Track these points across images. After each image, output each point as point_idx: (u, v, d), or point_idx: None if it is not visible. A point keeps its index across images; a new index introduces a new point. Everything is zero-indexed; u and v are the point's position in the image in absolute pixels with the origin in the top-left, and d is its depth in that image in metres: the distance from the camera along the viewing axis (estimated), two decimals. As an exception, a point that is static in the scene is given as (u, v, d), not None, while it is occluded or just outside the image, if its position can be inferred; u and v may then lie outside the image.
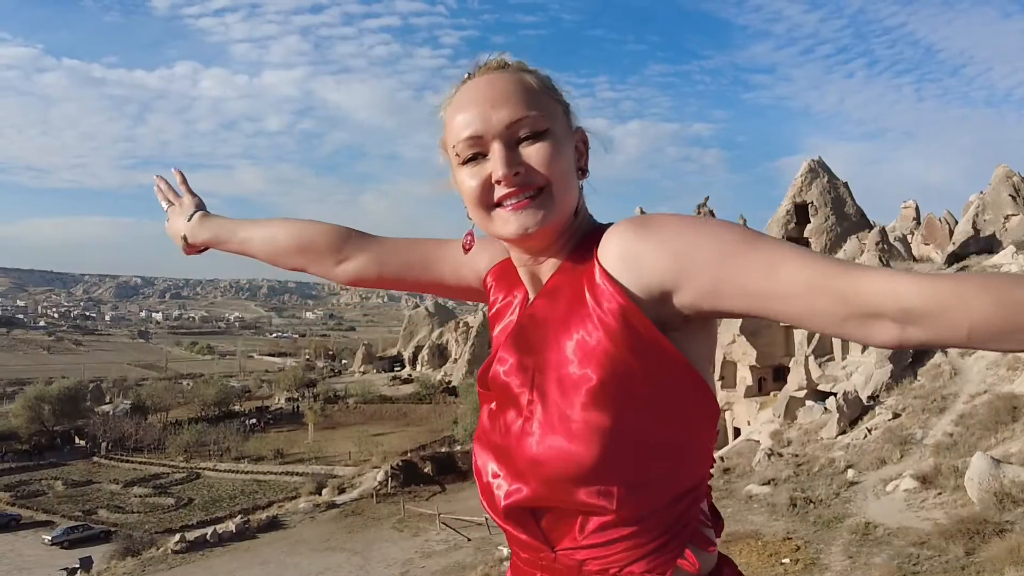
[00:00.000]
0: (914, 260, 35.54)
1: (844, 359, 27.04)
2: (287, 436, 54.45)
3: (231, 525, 28.21)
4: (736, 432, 29.91)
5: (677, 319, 0.95)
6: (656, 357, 0.94)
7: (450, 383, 62.09)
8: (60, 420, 57.64)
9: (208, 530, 27.76)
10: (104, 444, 52.97)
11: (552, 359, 0.99)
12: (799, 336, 31.07)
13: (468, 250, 1.18)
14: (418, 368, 72.84)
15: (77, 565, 27.67)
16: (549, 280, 1.06)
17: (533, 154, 1.00)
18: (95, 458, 52.14)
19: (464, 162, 1.03)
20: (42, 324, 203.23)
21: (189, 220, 1.49)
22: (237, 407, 66.13)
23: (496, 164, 0.99)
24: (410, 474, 34.21)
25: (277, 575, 22.62)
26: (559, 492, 0.96)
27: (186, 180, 1.57)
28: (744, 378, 33.00)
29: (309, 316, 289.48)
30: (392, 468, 34.39)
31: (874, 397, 22.86)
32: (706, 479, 1.05)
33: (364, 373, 77.94)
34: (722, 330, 29.10)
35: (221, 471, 47.28)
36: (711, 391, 1.00)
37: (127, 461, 50.70)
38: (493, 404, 1.11)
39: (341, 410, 60.15)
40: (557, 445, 0.95)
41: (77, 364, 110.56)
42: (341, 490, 34.40)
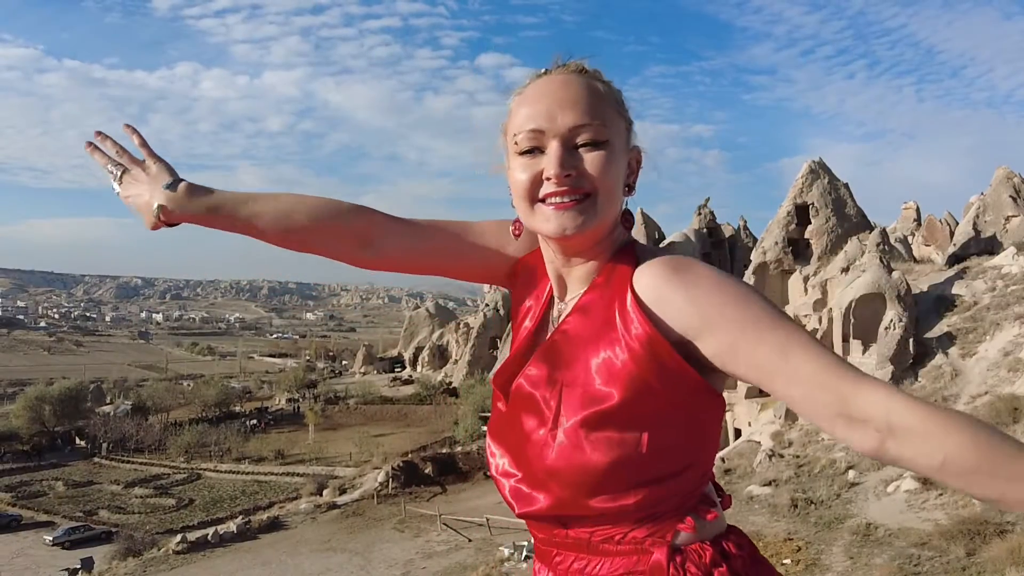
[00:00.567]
0: (915, 261, 35.52)
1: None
2: (288, 437, 54.42)
3: (232, 526, 28.24)
4: (737, 433, 29.88)
5: (695, 355, 1.01)
6: (677, 382, 1.01)
7: (451, 384, 61.98)
8: (61, 421, 57.61)
9: (209, 531, 27.80)
10: (105, 445, 52.92)
11: (579, 375, 1.04)
12: (800, 337, 31.05)
13: (518, 236, 1.21)
14: (419, 369, 72.74)
15: (78, 566, 27.69)
16: (582, 297, 1.10)
17: (588, 161, 1.04)
18: (96, 459, 52.11)
19: (521, 153, 1.07)
20: (43, 325, 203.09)
21: (169, 188, 1.21)
22: (238, 408, 66.09)
23: (550, 162, 1.03)
24: (411, 475, 34.19)
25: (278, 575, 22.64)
26: (577, 501, 1.02)
27: (147, 143, 1.26)
28: (745, 379, 32.96)
29: (309, 317, 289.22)
30: (393, 469, 34.36)
31: (875, 398, 22.90)
32: (712, 464, 1.12)
33: (365, 374, 77.85)
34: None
35: (222, 472, 47.28)
36: (720, 393, 1.06)
37: (128, 462, 50.67)
38: (501, 404, 1.15)
39: (342, 411, 60.08)
40: (578, 458, 1.00)
41: (78, 365, 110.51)
42: (342, 491, 34.39)
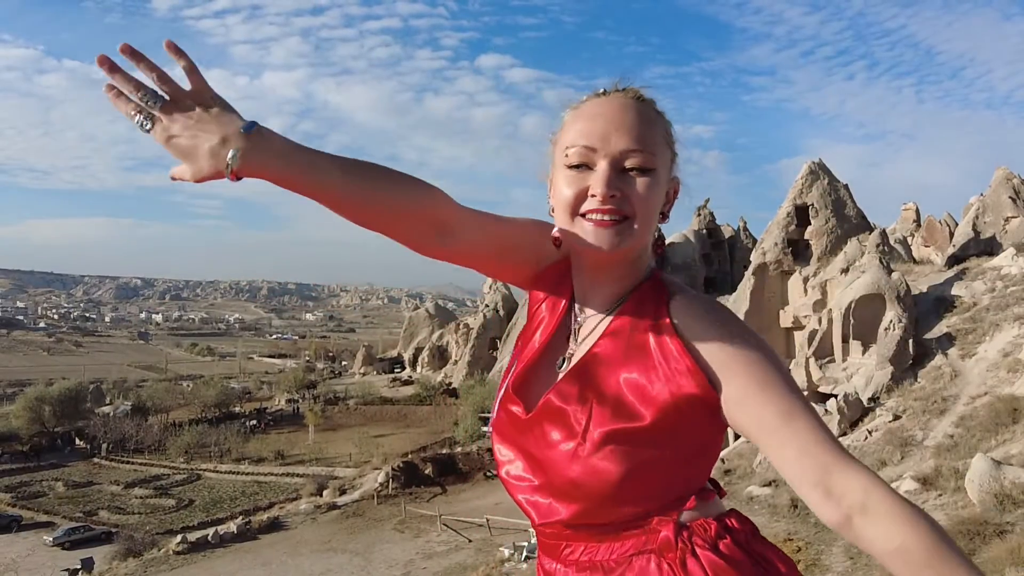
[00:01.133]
0: (914, 262, 35.56)
1: (845, 361, 27.04)
2: (288, 437, 54.40)
3: (232, 526, 28.25)
4: (736, 434, 29.94)
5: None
6: (703, 409, 1.07)
7: (450, 385, 61.96)
8: (61, 421, 57.55)
9: (209, 531, 27.81)
10: (104, 445, 52.87)
11: (611, 395, 1.09)
12: (800, 337, 31.08)
13: (558, 246, 1.22)
14: (418, 370, 72.71)
15: (79, 566, 27.68)
16: (613, 321, 1.15)
17: (633, 185, 1.09)
18: (96, 459, 52.06)
19: (569, 166, 1.11)
20: (42, 325, 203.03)
21: (248, 131, 0.99)
22: (237, 408, 66.07)
23: (598, 180, 1.08)
24: (411, 475, 34.19)
25: (278, 576, 22.65)
26: (600, 511, 1.07)
27: (197, 68, 1.00)
28: (744, 380, 32.95)
29: (309, 317, 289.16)
30: (393, 469, 34.36)
31: (875, 399, 22.88)
32: (712, 466, 1.20)
33: (364, 375, 77.81)
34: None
35: (222, 472, 47.24)
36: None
37: (128, 462, 50.61)
38: (518, 408, 1.18)
39: (341, 411, 60.06)
40: (604, 471, 1.05)
41: (77, 365, 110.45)
42: (342, 491, 34.39)
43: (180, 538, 26.98)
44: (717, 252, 52.10)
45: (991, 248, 30.70)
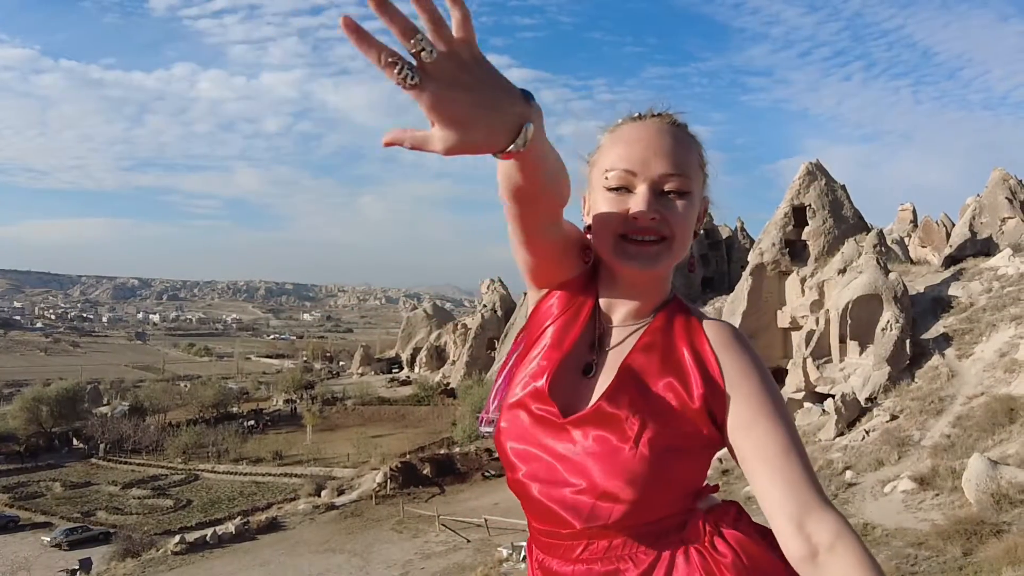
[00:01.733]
0: (911, 262, 35.68)
1: (842, 361, 27.11)
2: (285, 438, 54.33)
3: (231, 527, 28.21)
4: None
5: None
6: (720, 422, 1.18)
7: (448, 385, 61.95)
8: (58, 422, 57.40)
9: (208, 531, 27.77)
10: (102, 445, 52.76)
11: (657, 403, 1.16)
12: (797, 338, 31.16)
13: (588, 264, 1.28)
14: (416, 370, 72.66)
15: (77, 566, 27.65)
16: (643, 336, 1.22)
17: (671, 208, 1.15)
18: (93, 460, 51.93)
19: (609, 188, 1.17)
20: (39, 326, 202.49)
21: (531, 101, 0.89)
22: (235, 409, 65.97)
23: (639, 202, 1.14)
24: (409, 476, 34.16)
25: (277, 576, 22.64)
26: (648, 509, 1.13)
27: (470, 16, 0.83)
28: (742, 380, 32.95)
29: (307, 318, 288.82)
30: (391, 470, 34.34)
31: (872, 399, 22.95)
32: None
33: (362, 375, 77.71)
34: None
35: (220, 473, 47.15)
36: None
37: (125, 463, 50.51)
38: (539, 408, 1.20)
39: (339, 412, 59.99)
40: (657, 472, 1.13)
41: (74, 366, 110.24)
42: (340, 492, 34.37)
43: (178, 538, 26.95)
44: (715, 252, 52.16)
45: (988, 249, 30.82)
